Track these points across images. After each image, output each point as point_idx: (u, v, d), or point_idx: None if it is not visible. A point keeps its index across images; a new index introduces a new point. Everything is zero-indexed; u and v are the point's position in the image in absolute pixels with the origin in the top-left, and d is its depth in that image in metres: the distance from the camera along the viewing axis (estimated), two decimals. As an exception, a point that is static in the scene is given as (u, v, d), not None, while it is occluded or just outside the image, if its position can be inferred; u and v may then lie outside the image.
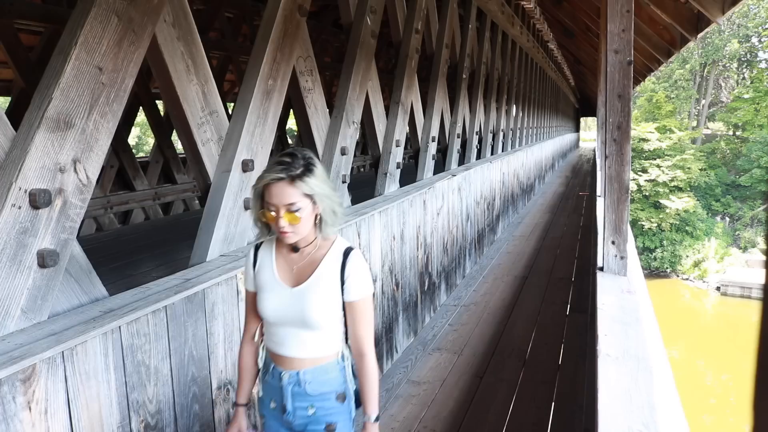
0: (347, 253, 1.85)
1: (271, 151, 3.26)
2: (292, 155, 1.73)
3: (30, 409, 1.66)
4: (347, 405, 1.89)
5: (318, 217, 1.80)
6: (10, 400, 1.61)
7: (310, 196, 1.73)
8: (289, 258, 1.88)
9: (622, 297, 2.86)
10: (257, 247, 1.96)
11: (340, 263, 1.83)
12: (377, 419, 1.87)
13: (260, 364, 1.96)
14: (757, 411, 0.34)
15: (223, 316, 2.49)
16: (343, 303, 1.84)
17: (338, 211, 1.84)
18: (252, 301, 1.93)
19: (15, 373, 1.62)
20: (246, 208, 2.93)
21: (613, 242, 3.19)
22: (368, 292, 1.86)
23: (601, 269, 3.27)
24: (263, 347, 1.95)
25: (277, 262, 1.89)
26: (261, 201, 1.76)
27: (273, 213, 1.73)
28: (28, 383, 1.66)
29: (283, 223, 1.72)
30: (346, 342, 1.91)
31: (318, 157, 3.80)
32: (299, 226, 1.74)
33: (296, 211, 1.72)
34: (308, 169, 1.72)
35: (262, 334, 1.95)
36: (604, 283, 3.09)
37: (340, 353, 1.89)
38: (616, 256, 3.18)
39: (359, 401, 1.90)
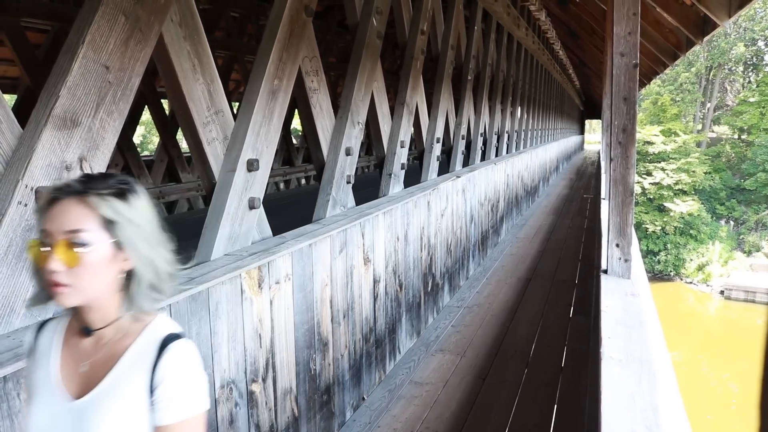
0: (166, 343, 1.12)
1: (276, 150, 3.26)
2: (105, 175, 1.13)
3: (34, 405, 1.67)
4: None
5: (126, 276, 1.12)
6: (15, 397, 1.62)
7: (111, 227, 1.08)
8: (79, 347, 1.16)
9: (625, 300, 2.85)
10: (40, 327, 1.24)
11: (151, 361, 1.11)
12: None
13: None
14: (764, 411, 0.34)
15: (227, 315, 2.50)
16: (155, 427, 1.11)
17: (163, 272, 1.15)
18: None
19: (20, 369, 1.62)
20: (251, 207, 2.94)
21: (617, 245, 3.18)
22: (193, 410, 1.12)
23: (605, 272, 3.27)
24: None
25: (63, 354, 1.17)
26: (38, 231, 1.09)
27: (46, 248, 1.05)
28: (32, 380, 1.66)
29: (55, 263, 1.03)
30: None
31: (323, 157, 3.83)
32: (81, 274, 1.05)
33: (80, 245, 1.04)
34: (120, 190, 1.10)
35: None
36: (608, 285, 3.09)
37: None
38: (620, 258, 3.18)
39: None
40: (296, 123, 21.33)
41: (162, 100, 10.40)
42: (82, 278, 1.05)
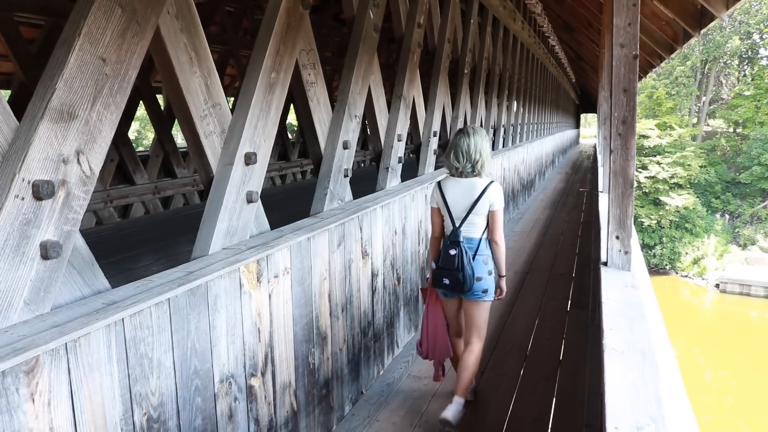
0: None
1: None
2: None
3: (33, 400, 1.66)
4: None
5: None
6: (14, 392, 1.60)
7: None
8: None
9: (626, 292, 2.85)
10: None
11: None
12: None
13: None
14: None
15: (226, 309, 2.48)
16: None
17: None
18: None
19: (18, 364, 1.61)
20: (249, 201, 2.92)
21: (617, 237, 3.18)
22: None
23: (605, 264, 3.26)
24: None
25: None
26: None
27: None
28: (31, 375, 1.65)
29: None
30: None
31: (320, 151, 3.82)
32: None
33: None
34: None
35: None
36: (608, 278, 3.08)
37: None
38: (620, 251, 3.17)
39: None
40: (291, 118, 21.28)
41: (157, 95, 10.33)
42: None
